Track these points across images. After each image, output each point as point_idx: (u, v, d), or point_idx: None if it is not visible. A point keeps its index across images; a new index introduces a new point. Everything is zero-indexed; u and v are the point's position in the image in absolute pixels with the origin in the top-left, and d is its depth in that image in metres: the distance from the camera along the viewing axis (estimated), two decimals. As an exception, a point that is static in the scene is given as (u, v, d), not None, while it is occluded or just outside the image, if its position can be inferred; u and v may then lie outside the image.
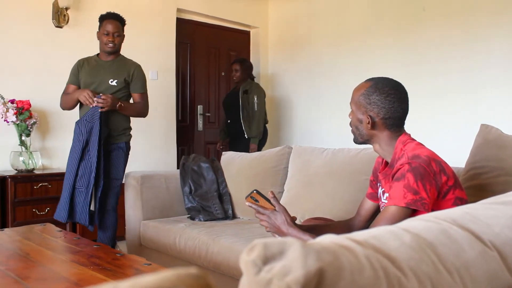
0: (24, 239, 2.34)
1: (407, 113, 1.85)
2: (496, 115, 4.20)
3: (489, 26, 4.30)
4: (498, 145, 2.21)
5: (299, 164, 3.01)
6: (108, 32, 3.33)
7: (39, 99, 4.13)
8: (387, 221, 1.61)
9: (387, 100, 1.78)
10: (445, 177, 1.68)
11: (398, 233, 0.66)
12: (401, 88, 1.83)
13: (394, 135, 1.82)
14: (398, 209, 1.62)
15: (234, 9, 5.84)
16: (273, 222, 1.80)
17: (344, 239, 0.59)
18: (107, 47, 3.35)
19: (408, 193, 1.60)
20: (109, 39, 3.33)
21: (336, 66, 5.46)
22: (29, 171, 3.90)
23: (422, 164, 1.64)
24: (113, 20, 3.35)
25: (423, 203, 1.60)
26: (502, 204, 0.89)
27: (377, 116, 1.80)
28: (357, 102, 1.84)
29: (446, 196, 1.68)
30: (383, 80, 1.83)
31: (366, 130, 1.83)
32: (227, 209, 3.25)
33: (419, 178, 1.61)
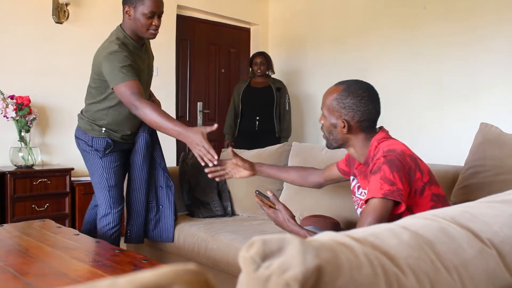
0: (23, 235, 2.34)
1: (379, 114, 1.86)
2: (496, 113, 4.20)
3: (490, 25, 4.30)
4: (497, 144, 2.21)
5: (298, 162, 3.01)
6: (153, 12, 2.50)
7: (39, 95, 4.13)
8: (368, 214, 1.63)
9: (362, 103, 1.79)
10: (419, 173, 1.70)
11: (396, 231, 0.66)
12: (372, 89, 1.85)
13: (369, 136, 1.83)
14: (377, 201, 1.63)
15: (234, 6, 5.83)
16: (275, 220, 1.89)
17: (343, 237, 0.59)
18: (150, 33, 2.56)
19: (384, 184, 1.62)
20: (154, 22, 2.53)
21: (336, 63, 5.46)
22: (29, 167, 3.90)
23: (397, 157, 1.66)
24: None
25: (400, 193, 1.61)
26: (501, 202, 0.89)
27: (352, 120, 1.80)
28: (330, 107, 1.83)
29: (423, 193, 1.70)
30: (355, 83, 1.83)
31: (341, 134, 1.83)
32: (226, 206, 3.25)
33: (395, 169, 1.63)
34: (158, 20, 2.53)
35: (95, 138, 2.69)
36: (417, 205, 1.69)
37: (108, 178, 2.71)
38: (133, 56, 2.53)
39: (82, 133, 2.74)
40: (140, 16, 2.50)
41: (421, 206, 1.69)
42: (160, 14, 2.54)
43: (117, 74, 2.40)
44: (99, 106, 2.68)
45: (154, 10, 2.49)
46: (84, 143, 2.73)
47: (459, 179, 2.29)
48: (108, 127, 2.69)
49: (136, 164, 2.82)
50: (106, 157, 2.70)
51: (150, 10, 2.48)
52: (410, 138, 4.71)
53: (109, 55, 2.45)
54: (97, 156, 2.70)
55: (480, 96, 4.36)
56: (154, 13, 2.50)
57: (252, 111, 4.83)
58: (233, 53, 6.05)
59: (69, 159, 4.24)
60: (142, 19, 2.50)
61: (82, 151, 2.77)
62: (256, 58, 4.91)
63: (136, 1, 2.50)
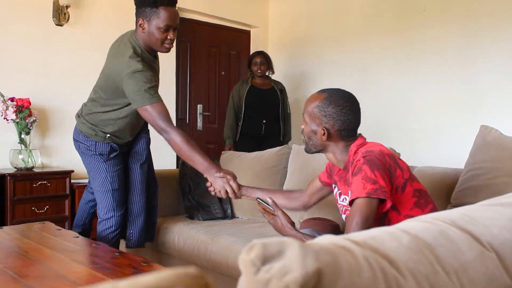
0: (23, 237, 2.34)
1: (360, 123, 1.89)
2: (496, 116, 4.20)
3: (490, 28, 4.30)
4: (497, 147, 2.22)
5: (298, 164, 3.01)
6: (169, 26, 2.37)
7: (39, 97, 4.13)
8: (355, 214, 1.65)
9: (343, 113, 1.82)
10: (399, 170, 1.73)
11: (396, 234, 0.66)
12: (354, 99, 1.88)
13: (348, 144, 1.87)
14: (362, 200, 1.65)
15: (234, 8, 5.84)
16: (274, 226, 1.94)
17: (343, 240, 0.59)
18: (165, 48, 2.45)
19: (367, 183, 1.65)
20: (170, 36, 2.40)
21: (336, 65, 5.47)
22: (29, 169, 3.90)
23: (377, 156, 1.69)
24: (173, 8, 2.39)
25: (383, 191, 1.64)
26: (500, 205, 0.89)
27: (332, 128, 1.83)
28: (311, 114, 1.86)
29: (405, 190, 1.73)
30: (337, 92, 1.86)
31: (320, 141, 1.87)
32: (226, 209, 3.25)
33: (375, 168, 1.66)
34: (174, 34, 2.40)
35: (99, 143, 2.66)
36: (400, 202, 1.72)
37: (112, 181, 2.69)
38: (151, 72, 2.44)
39: (83, 137, 2.69)
40: (154, 29, 2.38)
41: (404, 203, 1.73)
42: (176, 27, 2.41)
43: (144, 96, 2.31)
44: (107, 115, 2.62)
45: (170, 23, 2.37)
46: (85, 147, 2.69)
47: (459, 182, 2.29)
48: (113, 134, 2.66)
49: (136, 166, 2.82)
50: (110, 160, 2.68)
51: (165, 24, 2.36)
52: (409, 140, 4.73)
53: (134, 74, 2.33)
54: (100, 160, 2.67)
55: (480, 98, 4.37)
56: (169, 26, 2.37)
57: (258, 113, 4.61)
58: (233, 56, 6.06)
59: (69, 161, 4.24)
60: (156, 33, 2.38)
61: (82, 153, 2.74)
62: (255, 58, 4.71)
63: (151, 14, 2.38)
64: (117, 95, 2.49)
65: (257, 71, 4.65)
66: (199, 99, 5.67)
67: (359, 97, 1.95)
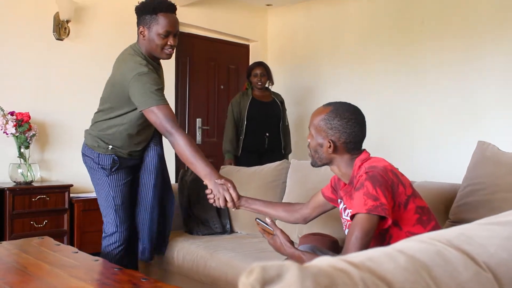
0: (22, 252, 2.33)
1: (365, 136, 1.91)
2: (494, 131, 4.22)
3: (488, 41, 4.34)
4: (494, 162, 2.23)
5: (297, 179, 3.02)
6: (168, 32, 2.43)
7: (39, 111, 4.15)
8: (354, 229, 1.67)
9: (349, 125, 1.84)
10: (402, 187, 1.74)
11: (393, 255, 0.67)
12: (360, 113, 1.90)
13: (353, 157, 1.88)
14: (363, 217, 1.67)
15: (233, 22, 5.88)
16: (273, 244, 1.94)
17: (341, 262, 0.60)
18: (165, 54, 2.49)
19: (368, 199, 1.66)
20: (170, 42, 2.44)
21: (335, 79, 5.50)
22: (28, 183, 3.91)
23: (379, 172, 1.71)
24: (172, 14, 2.45)
25: (383, 208, 1.65)
26: (497, 224, 0.90)
27: (338, 141, 1.85)
28: (317, 127, 1.89)
29: (408, 206, 1.74)
30: (343, 105, 1.89)
31: (326, 154, 1.88)
32: (225, 224, 3.25)
33: (377, 184, 1.67)
34: (174, 40, 2.45)
35: (101, 155, 2.65)
36: (402, 218, 1.73)
37: (115, 196, 2.68)
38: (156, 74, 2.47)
39: (88, 149, 2.69)
40: (154, 36, 2.43)
41: (406, 220, 1.73)
42: (175, 33, 2.46)
43: (150, 97, 2.32)
44: (109, 123, 2.62)
45: (169, 29, 2.42)
46: (90, 160, 2.69)
47: (457, 197, 2.30)
48: (114, 143, 2.65)
49: (147, 182, 2.77)
50: (112, 175, 2.67)
51: (165, 30, 2.41)
52: (407, 155, 4.74)
53: (139, 76, 2.35)
54: (104, 174, 2.66)
55: (478, 112, 4.39)
56: (169, 32, 2.42)
57: (260, 127, 4.48)
58: (232, 70, 6.09)
59: (68, 176, 4.25)
60: (156, 39, 2.43)
61: (89, 168, 2.73)
62: (255, 69, 4.56)
63: (151, 21, 2.43)
64: (123, 102, 2.49)
65: (257, 83, 4.52)
66: (198, 113, 5.69)
67: (357, 110, 1.96)
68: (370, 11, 5.24)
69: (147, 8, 2.42)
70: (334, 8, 5.56)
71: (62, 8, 4.21)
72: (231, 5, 5.82)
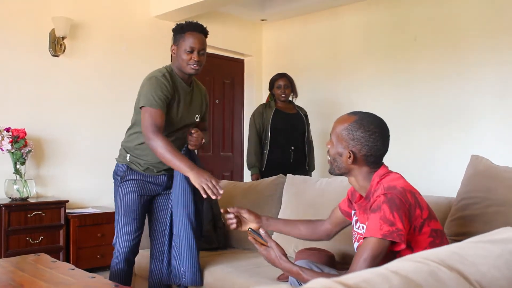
0: (18, 270, 2.33)
1: (387, 151, 1.87)
2: (487, 144, 4.26)
3: (480, 57, 4.39)
4: (488, 176, 2.25)
5: (293, 194, 3.03)
6: (192, 48, 2.61)
7: (35, 127, 4.16)
8: (366, 252, 1.64)
9: (372, 138, 1.78)
10: (419, 210, 1.69)
11: (387, 276, 0.68)
12: (384, 126, 1.85)
13: (372, 171, 1.83)
14: (376, 241, 1.64)
15: (228, 37, 5.92)
16: (267, 257, 1.90)
17: (336, 284, 0.62)
18: (190, 68, 2.63)
19: (384, 224, 1.62)
20: (194, 57, 2.61)
21: (329, 94, 5.53)
22: (23, 199, 3.90)
23: (398, 195, 1.66)
24: (198, 34, 2.66)
25: (399, 234, 1.61)
26: (489, 242, 0.91)
27: (359, 152, 1.80)
28: (339, 135, 1.83)
29: (422, 230, 1.70)
30: (368, 117, 1.84)
31: (345, 163, 1.83)
32: (221, 239, 3.25)
33: (394, 209, 1.63)
34: (198, 56, 2.63)
35: (119, 165, 2.75)
36: (415, 241, 1.69)
37: (119, 206, 2.70)
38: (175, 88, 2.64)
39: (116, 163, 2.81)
40: (182, 52, 2.63)
41: (419, 243, 1.69)
42: (200, 50, 2.64)
43: (150, 98, 2.53)
44: (131, 131, 2.77)
45: (193, 46, 2.62)
46: (114, 172, 2.79)
47: (452, 211, 2.32)
48: (133, 152, 2.71)
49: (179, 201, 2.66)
50: (123, 183, 2.70)
51: (190, 46, 2.61)
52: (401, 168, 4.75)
53: (150, 79, 2.61)
54: (116, 183, 2.75)
55: (472, 126, 4.43)
56: (193, 48, 2.62)
57: (286, 140, 4.23)
58: (227, 84, 6.12)
59: (64, 191, 4.25)
60: (183, 55, 2.62)
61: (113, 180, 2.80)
62: (278, 81, 4.32)
63: (179, 39, 2.66)
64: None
65: (280, 95, 4.29)
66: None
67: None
68: (364, 27, 5.29)
69: (178, 29, 2.69)
70: (328, 23, 5.61)
71: (58, 25, 4.24)
72: (226, 20, 5.86)
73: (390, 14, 5.09)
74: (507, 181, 2.18)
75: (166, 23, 5.23)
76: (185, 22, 2.71)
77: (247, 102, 6.31)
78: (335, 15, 5.55)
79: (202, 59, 2.66)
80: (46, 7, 4.31)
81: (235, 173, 6.16)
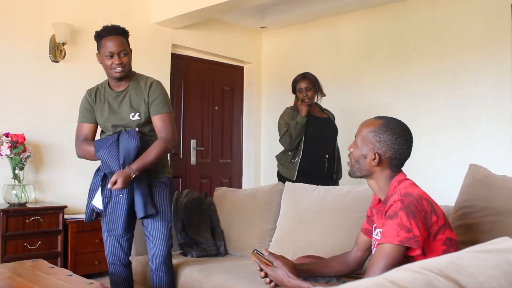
0: (15, 276, 2.32)
1: (410, 156, 1.90)
2: (486, 152, 4.27)
3: (479, 65, 4.41)
4: (486, 185, 2.26)
5: (291, 202, 3.03)
6: (111, 53, 2.63)
7: (34, 132, 4.16)
8: (382, 259, 1.65)
9: (398, 141, 1.83)
10: (435, 217, 1.71)
11: (385, 286, 0.69)
12: (409, 131, 1.89)
13: (392, 175, 1.86)
14: (393, 247, 1.65)
15: (228, 45, 5.94)
16: (275, 277, 1.89)
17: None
18: (115, 72, 2.66)
19: (401, 231, 1.64)
20: (114, 61, 2.64)
21: (328, 101, 5.53)
22: (22, 204, 3.90)
23: (414, 202, 1.68)
24: (114, 37, 2.65)
25: (416, 240, 1.63)
26: (487, 252, 0.92)
27: (384, 155, 1.84)
28: (365, 138, 1.87)
29: (437, 237, 1.71)
30: (394, 121, 1.88)
31: (368, 166, 1.86)
32: (220, 245, 3.25)
33: (411, 216, 1.65)
34: (119, 59, 2.65)
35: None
36: (429, 248, 1.70)
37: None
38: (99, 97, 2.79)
39: None
40: (104, 59, 2.68)
41: (433, 249, 1.70)
42: (119, 52, 2.66)
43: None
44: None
45: (111, 50, 2.64)
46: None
47: (450, 220, 2.32)
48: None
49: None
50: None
51: (108, 51, 2.64)
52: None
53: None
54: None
55: (471, 134, 4.44)
56: (112, 53, 2.64)
57: (319, 147, 3.88)
58: (226, 91, 6.14)
59: (62, 197, 4.25)
60: (106, 61, 2.67)
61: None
62: (299, 83, 3.95)
63: (99, 47, 2.70)
64: None
65: (304, 99, 3.91)
66: (192, 134, 5.71)
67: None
68: (364, 36, 5.32)
69: (96, 36, 2.71)
70: (328, 31, 5.64)
71: (58, 31, 4.25)
72: (226, 27, 5.89)
73: (389, 22, 5.12)
74: (505, 190, 2.19)
75: (166, 30, 5.25)
76: (102, 27, 2.71)
77: (246, 109, 6.32)
78: (334, 24, 5.58)
79: (125, 59, 2.68)
80: (47, 13, 4.33)
81: (233, 180, 6.17)
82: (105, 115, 2.73)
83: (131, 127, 2.68)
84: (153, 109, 2.70)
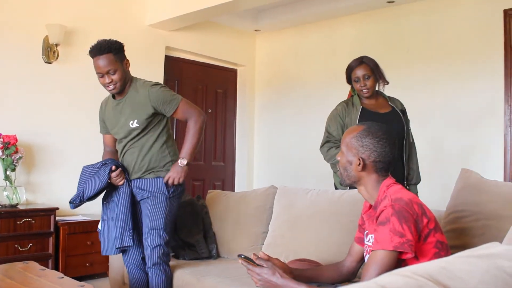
0: (6, 278, 2.31)
1: (394, 158, 1.91)
2: (477, 157, 4.29)
3: (471, 69, 4.44)
4: (477, 190, 2.27)
5: (284, 205, 3.03)
6: (100, 73, 2.69)
7: (26, 133, 4.14)
8: (376, 266, 1.66)
9: (380, 144, 1.85)
10: (426, 220, 1.72)
11: (376, 291, 0.69)
12: (391, 133, 1.91)
13: (380, 179, 1.88)
14: (386, 253, 1.66)
15: (221, 47, 5.95)
16: (262, 277, 1.86)
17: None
18: (109, 90, 2.75)
19: (394, 236, 1.65)
20: (105, 81, 2.69)
21: (322, 105, 5.55)
22: (13, 206, 3.88)
23: (405, 207, 1.68)
24: (99, 57, 2.66)
25: (410, 244, 1.64)
26: (477, 257, 0.93)
27: (368, 159, 1.86)
28: (348, 144, 1.90)
29: (427, 239, 1.72)
30: (375, 125, 1.91)
31: (355, 171, 1.88)
32: (212, 248, 3.24)
33: (403, 220, 1.66)
34: (109, 77, 2.69)
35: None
36: (420, 251, 1.71)
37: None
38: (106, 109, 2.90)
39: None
40: (98, 77, 2.75)
41: (424, 252, 1.71)
42: (108, 72, 2.68)
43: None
44: None
45: (100, 71, 2.69)
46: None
47: (442, 224, 2.33)
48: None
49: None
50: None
51: (98, 72, 2.71)
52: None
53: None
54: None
55: (462, 136, 4.46)
56: (101, 73, 2.70)
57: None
58: (220, 94, 6.14)
59: (54, 199, 4.23)
60: (99, 80, 2.75)
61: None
62: (355, 71, 3.21)
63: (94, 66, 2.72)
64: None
65: (361, 90, 3.20)
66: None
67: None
68: (357, 39, 5.34)
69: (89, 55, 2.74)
70: (322, 34, 5.65)
71: (52, 32, 4.24)
72: (219, 30, 5.89)
73: (382, 27, 5.14)
74: (496, 195, 2.20)
75: (160, 32, 5.25)
76: (91, 46, 2.72)
77: (239, 111, 6.33)
78: (328, 27, 5.59)
79: (115, 77, 2.69)
80: (40, 14, 4.31)
81: (226, 183, 6.16)
82: (111, 125, 2.87)
83: (132, 135, 2.79)
84: (168, 110, 2.79)
